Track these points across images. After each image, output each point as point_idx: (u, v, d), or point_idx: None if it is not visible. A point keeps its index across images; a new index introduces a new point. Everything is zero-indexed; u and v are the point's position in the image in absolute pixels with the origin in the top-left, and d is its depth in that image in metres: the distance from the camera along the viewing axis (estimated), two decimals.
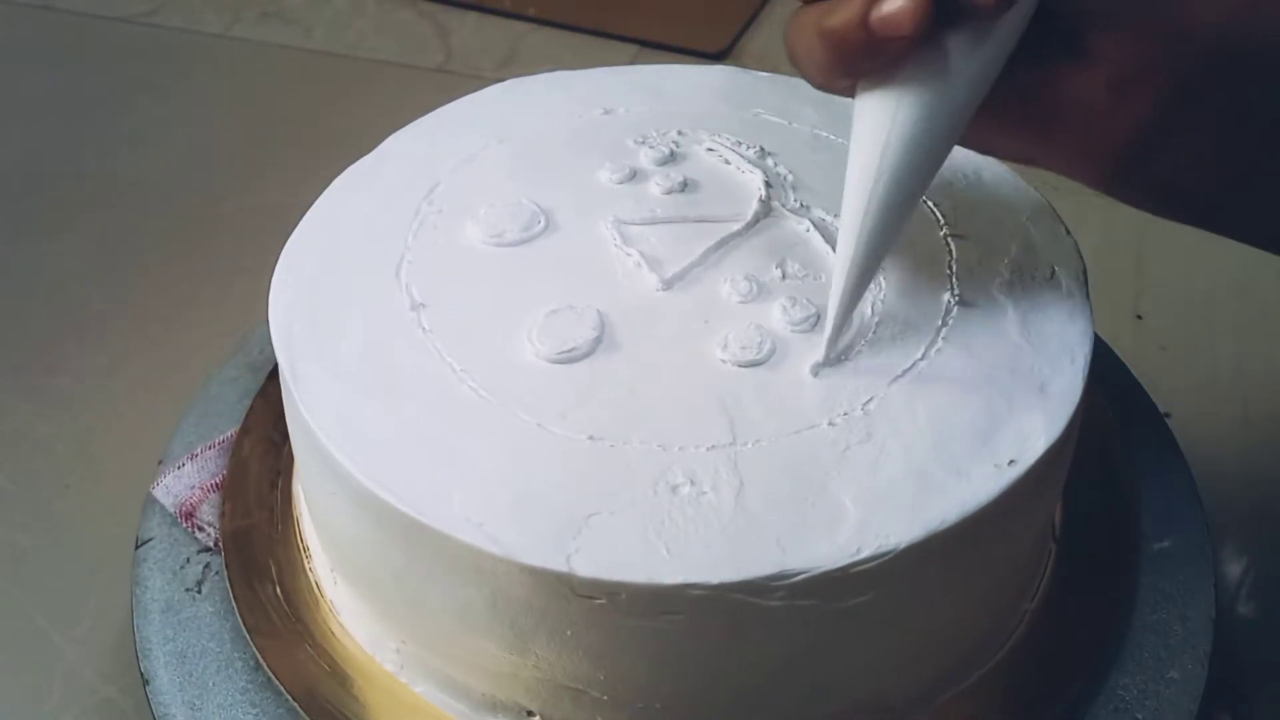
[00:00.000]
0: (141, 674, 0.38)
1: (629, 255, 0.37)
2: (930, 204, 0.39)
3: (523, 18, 0.81)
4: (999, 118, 0.32)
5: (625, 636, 0.30)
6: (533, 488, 0.31)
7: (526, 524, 0.30)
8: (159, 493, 0.42)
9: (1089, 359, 0.34)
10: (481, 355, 0.34)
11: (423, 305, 0.36)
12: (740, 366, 0.34)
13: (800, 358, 0.34)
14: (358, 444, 0.32)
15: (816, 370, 0.34)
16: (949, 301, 0.36)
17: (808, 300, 0.35)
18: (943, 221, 0.39)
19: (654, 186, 0.40)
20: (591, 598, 0.30)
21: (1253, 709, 0.42)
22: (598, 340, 0.34)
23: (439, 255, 0.38)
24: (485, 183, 0.40)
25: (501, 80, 0.46)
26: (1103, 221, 0.65)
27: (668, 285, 0.36)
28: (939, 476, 0.31)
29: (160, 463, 0.44)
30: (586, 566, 0.29)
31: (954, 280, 0.37)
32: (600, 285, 0.36)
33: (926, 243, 0.38)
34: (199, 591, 0.40)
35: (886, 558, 0.30)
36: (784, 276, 0.36)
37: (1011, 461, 0.31)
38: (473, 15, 0.82)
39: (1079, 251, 0.38)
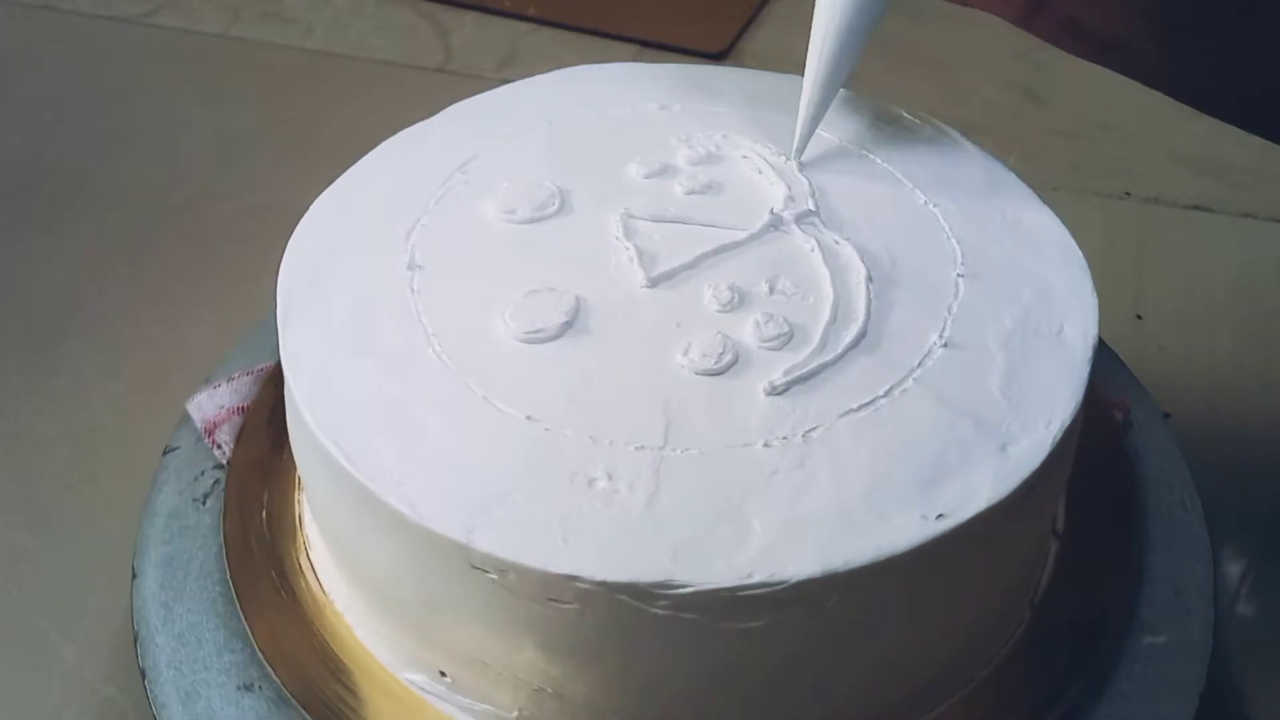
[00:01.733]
0: (133, 569, 0.40)
1: (626, 249, 0.37)
2: (954, 240, 0.38)
3: (523, 18, 0.81)
4: None
5: (518, 617, 0.31)
6: (459, 458, 0.32)
7: (442, 491, 0.31)
8: (191, 407, 0.45)
9: (1067, 426, 0.33)
10: (456, 323, 0.35)
11: (419, 267, 0.37)
12: (696, 374, 0.34)
13: (760, 374, 0.33)
14: (317, 390, 0.34)
15: (770, 389, 0.33)
16: (935, 342, 0.35)
17: (784, 319, 0.35)
18: (960, 259, 0.38)
19: (677, 186, 0.40)
20: (486, 572, 0.30)
21: (1252, 711, 0.42)
22: (567, 325, 0.35)
23: (451, 223, 0.39)
24: (518, 161, 0.41)
25: (506, 80, 0.46)
26: (1103, 221, 0.65)
27: (653, 283, 0.36)
28: (859, 517, 0.30)
29: (206, 380, 0.46)
30: (484, 541, 0.30)
31: (949, 321, 0.35)
32: (589, 273, 0.37)
33: (934, 279, 0.37)
34: (204, 504, 0.42)
35: (777, 588, 0.29)
36: (771, 292, 0.36)
37: (941, 515, 0.30)
38: (473, 15, 0.82)
39: (1097, 314, 0.36)
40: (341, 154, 0.42)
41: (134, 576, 0.40)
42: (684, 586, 0.29)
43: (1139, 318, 0.59)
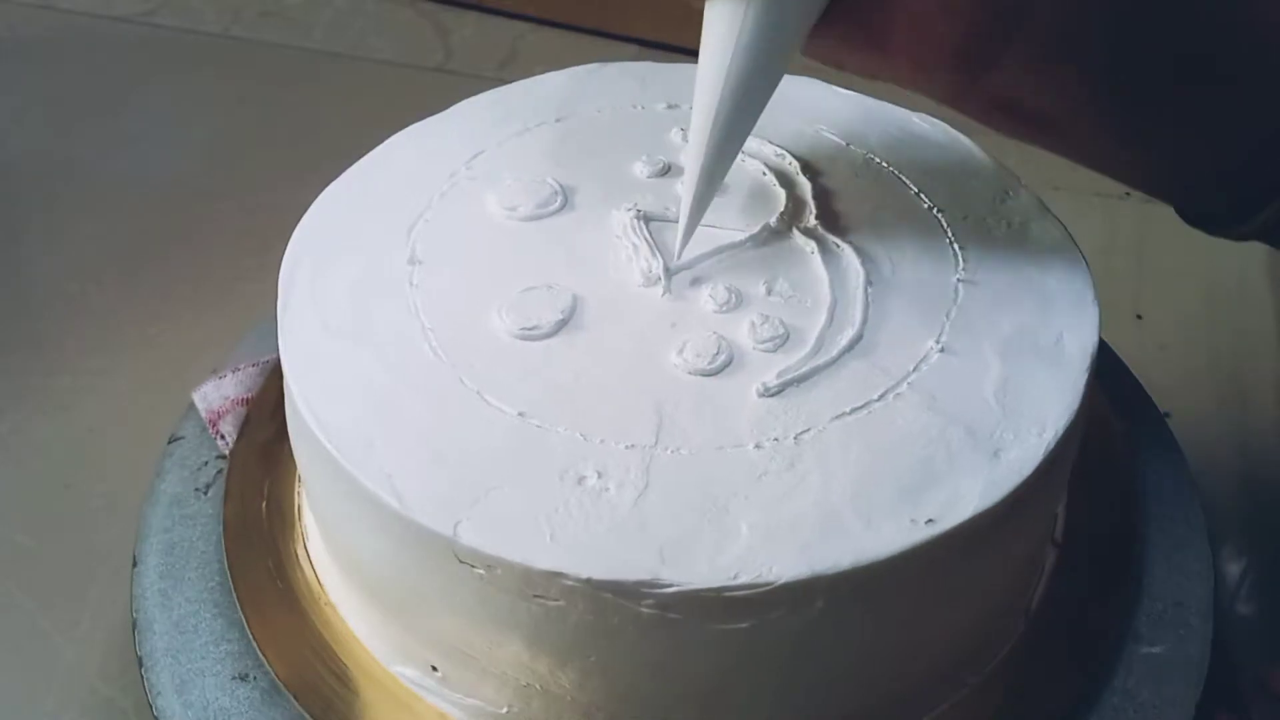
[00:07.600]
0: (134, 557, 0.41)
1: (625, 247, 0.37)
2: (956, 246, 0.38)
3: (523, 17, 0.81)
4: (839, 31, 0.33)
5: (503, 611, 0.31)
6: (448, 452, 0.32)
7: (431, 485, 0.31)
8: (197, 397, 0.45)
9: (1060, 435, 0.32)
10: (452, 318, 0.35)
11: (420, 262, 0.37)
12: (690, 374, 0.33)
13: (754, 375, 0.33)
14: (313, 381, 0.34)
15: (764, 391, 0.33)
16: (931, 347, 0.35)
17: (780, 320, 0.35)
18: (961, 265, 0.37)
19: (680, 186, 0.39)
20: (472, 567, 0.30)
21: (1251, 711, 0.42)
22: (562, 323, 0.35)
23: (454, 219, 0.39)
24: (524, 157, 0.41)
25: (506, 80, 0.46)
26: (1103, 221, 0.65)
27: (651, 282, 0.36)
28: (847, 520, 0.30)
29: (213, 371, 0.46)
30: (470, 536, 0.30)
31: (947, 326, 0.35)
32: (588, 271, 0.37)
33: (934, 284, 0.37)
34: (205, 493, 0.42)
35: (763, 589, 0.29)
36: (769, 293, 0.36)
37: (930, 520, 0.30)
38: (473, 15, 0.82)
39: (1098, 325, 0.36)
40: (341, 154, 0.42)
41: (134, 564, 0.40)
42: (669, 586, 0.29)
43: (1139, 318, 0.59)
